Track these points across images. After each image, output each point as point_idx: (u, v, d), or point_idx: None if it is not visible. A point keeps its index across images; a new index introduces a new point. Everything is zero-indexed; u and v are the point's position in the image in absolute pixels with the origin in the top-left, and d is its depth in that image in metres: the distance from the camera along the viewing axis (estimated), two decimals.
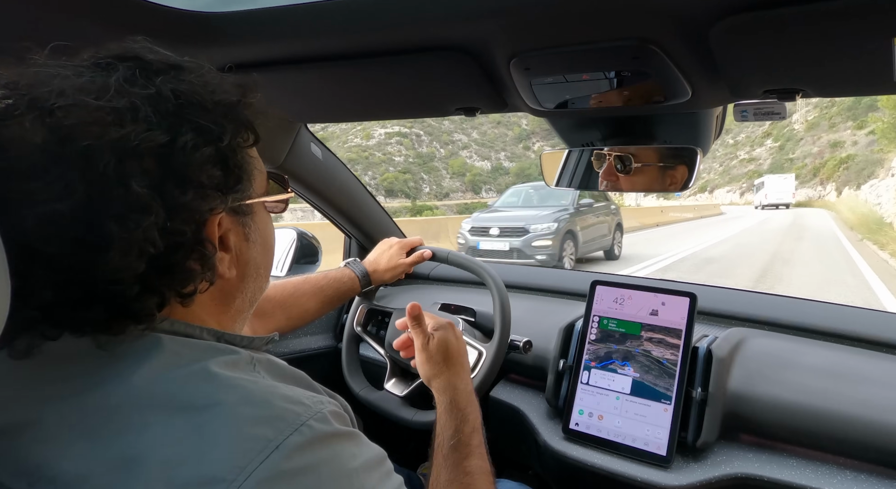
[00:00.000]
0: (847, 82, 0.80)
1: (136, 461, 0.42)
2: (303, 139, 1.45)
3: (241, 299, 0.60)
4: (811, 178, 69.85)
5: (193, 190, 0.49)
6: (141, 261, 0.46)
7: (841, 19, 0.62)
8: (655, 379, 1.06)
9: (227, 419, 0.44)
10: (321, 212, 1.69)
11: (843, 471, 0.91)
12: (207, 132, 0.50)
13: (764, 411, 1.01)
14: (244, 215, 0.58)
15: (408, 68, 0.94)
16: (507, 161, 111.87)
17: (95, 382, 0.46)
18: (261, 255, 0.61)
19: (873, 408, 0.94)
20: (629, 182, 1.17)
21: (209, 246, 0.52)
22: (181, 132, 0.48)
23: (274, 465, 0.42)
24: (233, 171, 0.53)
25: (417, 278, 1.86)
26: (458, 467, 0.77)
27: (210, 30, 0.84)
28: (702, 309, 1.28)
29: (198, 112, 0.50)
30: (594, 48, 0.78)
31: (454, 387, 0.88)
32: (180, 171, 0.48)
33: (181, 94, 0.49)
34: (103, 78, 0.48)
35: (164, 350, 0.49)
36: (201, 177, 0.49)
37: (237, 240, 0.57)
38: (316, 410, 0.48)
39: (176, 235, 0.48)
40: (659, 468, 0.99)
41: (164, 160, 0.47)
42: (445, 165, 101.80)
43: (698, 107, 0.95)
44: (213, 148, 0.50)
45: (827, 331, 1.19)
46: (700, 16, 0.67)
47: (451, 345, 0.93)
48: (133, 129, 0.45)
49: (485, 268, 1.30)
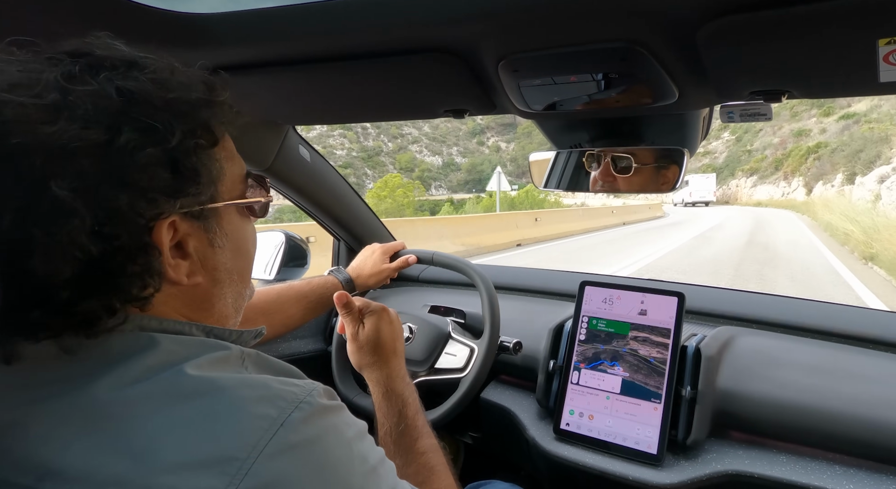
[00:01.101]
0: (832, 83, 0.81)
1: (147, 449, 0.42)
2: (291, 142, 1.44)
3: (221, 305, 0.59)
4: (772, 172, 60.73)
5: (131, 193, 0.46)
6: (67, 266, 0.44)
7: (827, 22, 0.63)
8: (645, 378, 1.07)
9: (231, 401, 0.45)
10: (310, 214, 1.69)
11: (833, 467, 0.93)
12: (153, 132, 0.47)
13: (753, 408, 1.02)
14: (205, 219, 0.55)
15: (396, 70, 0.93)
16: (459, 156, 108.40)
17: (91, 380, 0.46)
18: (232, 260, 0.59)
19: (861, 404, 0.96)
20: (627, 183, 1.17)
21: (154, 252, 0.49)
22: (121, 131, 0.45)
23: (282, 440, 0.44)
24: (184, 174, 0.50)
25: (406, 281, 1.85)
26: (411, 450, 0.79)
27: (196, 31, 0.84)
28: (690, 308, 1.29)
29: (144, 110, 0.47)
30: (582, 50, 0.79)
31: (387, 376, 0.88)
32: (118, 172, 0.45)
33: (126, 92, 0.47)
34: (39, 73, 0.45)
35: (157, 347, 0.49)
36: (142, 179, 0.47)
37: (199, 245, 0.55)
38: (310, 389, 0.49)
39: (111, 240, 0.46)
40: (650, 467, 1.00)
41: (100, 161, 0.45)
42: (393, 160, 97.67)
43: (685, 108, 0.96)
44: (160, 149, 0.47)
45: (814, 329, 1.21)
46: (687, 18, 0.68)
47: (381, 333, 0.91)
48: (64, 128, 0.43)
49: (471, 266, 1.30)
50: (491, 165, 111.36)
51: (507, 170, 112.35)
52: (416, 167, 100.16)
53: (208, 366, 0.49)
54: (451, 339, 1.28)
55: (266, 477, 0.42)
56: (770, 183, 58.74)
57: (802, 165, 51.57)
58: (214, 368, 0.49)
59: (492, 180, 18.48)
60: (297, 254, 1.68)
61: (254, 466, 0.42)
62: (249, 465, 0.42)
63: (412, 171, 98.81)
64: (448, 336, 1.28)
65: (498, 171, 18.31)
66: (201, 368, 0.48)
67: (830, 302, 1.38)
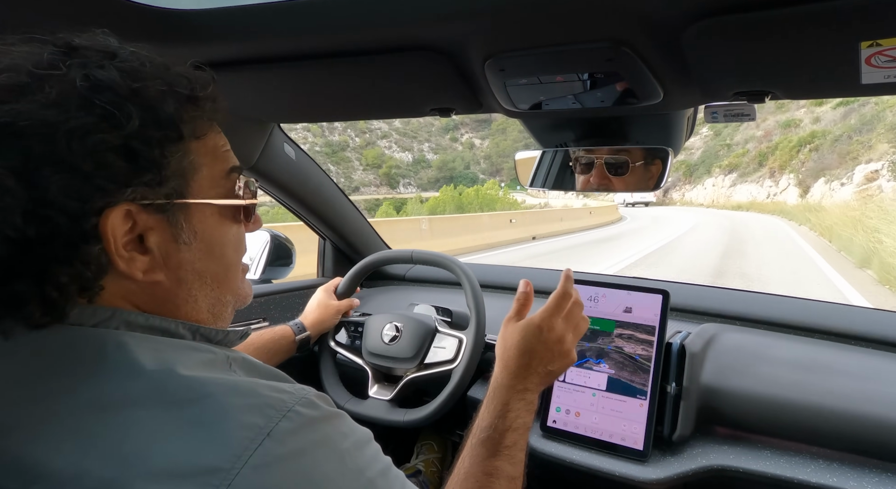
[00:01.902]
0: (815, 85, 0.82)
1: (134, 455, 0.42)
2: (276, 140, 1.43)
3: (189, 308, 0.56)
4: (755, 169, 50.98)
5: (74, 177, 0.45)
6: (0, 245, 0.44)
7: (810, 24, 0.64)
8: (630, 375, 1.08)
9: (219, 410, 0.44)
10: (295, 213, 1.67)
11: (816, 460, 0.94)
12: (109, 118, 0.46)
13: (737, 404, 1.03)
14: (171, 214, 0.52)
15: (382, 68, 0.93)
16: (431, 153, 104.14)
17: (78, 380, 0.46)
18: (203, 261, 0.56)
19: (844, 399, 0.98)
20: (623, 183, 1.18)
21: (95, 240, 0.48)
22: (77, 115, 0.45)
23: (267, 452, 0.43)
24: (141, 164, 0.49)
25: (393, 279, 1.85)
26: (482, 463, 0.74)
27: (181, 27, 0.83)
28: (674, 305, 1.31)
29: (106, 97, 0.47)
30: (568, 50, 0.79)
31: (522, 378, 0.81)
32: (63, 155, 0.45)
33: (91, 78, 0.47)
34: (20, 58, 0.46)
35: (145, 348, 0.48)
36: (88, 164, 0.46)
37: (162, 241, 0.52)
38: (300, 396, 0.48)
39: (47, 223, 0.45)
40: (636, 462, 1.01)
41: (47, 142, 0.44)
42: (359, 156, 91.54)
43: (670, 108, 0.97)
44: (114, 135, 0.46)
45: (797, 326, 1.23)
46: (673, 19, 0.68)
47: (549, 342, 0.83)
48: (20, 108, 0.44)
49: (450, 258, 1.32)
50: (464, 162, 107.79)
51: (481, 167, 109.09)
52: (383, 163, 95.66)
53: (197, 369, 0.48)
54: (439, 333, 1.28)
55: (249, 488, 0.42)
56: (753, 181, 49.15)
57: (793, 159, 43.17)
58: (203, 371, 0.48)
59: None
60: (283, 254, 1.67)
61: (237, 478, 0.41)
62: (233, 477, 0.41)
63: (379, 168, 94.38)
64: (435, 330, 1.29)
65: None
66: (191, 371, 0.47)
67: (812, 299, 1.40)
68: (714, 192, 55.17)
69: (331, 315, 1.39)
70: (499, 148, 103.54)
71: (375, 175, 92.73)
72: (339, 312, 1.40)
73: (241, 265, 0.64)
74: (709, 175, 60.22)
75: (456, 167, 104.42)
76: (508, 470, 0.74)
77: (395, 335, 1.29)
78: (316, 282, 1.79)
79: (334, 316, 1.39)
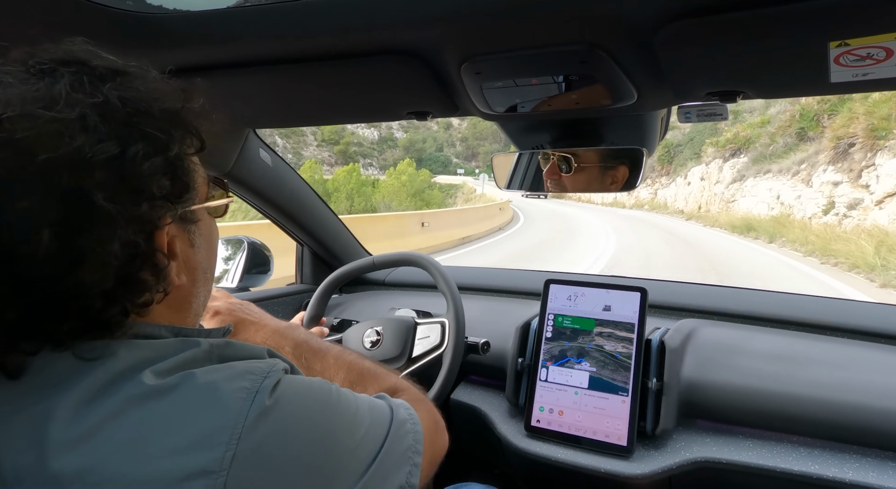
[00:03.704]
0: (786, 84, 0.84)
1: (132, 442, 0.43)
2: (251, 145, 1.41)
3: (196, 303, 0.61)
4: (791, 148, 16.97)
5: (146, 201, 0.48)
6: (109, 275, 0.46)
7: (781, 25, 0.66)
8: (612, 372, 1.10)
9: (204, 384, 0.47)
10: (271, 219, 1.66)
11: (797, 449, 0.97)
12: (156, 141, 0.49)
13: (718, 396, 1.05)
14: (191, 223, 0.57)
15: (357, 72, 0.93)
16: (400, 131, 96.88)
17: (63, 387, 0.46)
18: (206, 259, 0.61)
19: (821, 388, 1.00)
20: (572, 181, 1.20)
21: (160, 256, 0.51)
22: (130, 142, 0.47)
23: (262, 404, 0.47)
24: (181, 180, 0.53)
25: (372, 285, 1.84)
26: (323, 356, 0.87)
27: (155, 31, 0.82)
28: (653, 302, 1.33)
29: (146, 120, 0.49)
30: (544, 53, 0.80)
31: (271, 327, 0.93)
32: (132, 182, 0.47)
33: (128, 102, 0.48)
34: (49, 86, 0.46)
35: (130, 352, 0.49)
36: (152, 187, 0.49)
37: (183, 246, 0.56)
38: (272, 363, 0.52)
39: (131, 247, 0.47)
40: (621, 458, 1.02)
41: (116, 172, 0.46)
42: (315, 130, 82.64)
43: (644, 109, 0.99)
44: (163, 157, 0.50)
45: (773, 318, 1.26)
46: (645, 22, 0.70)
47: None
48: (86, 141, 0.44)
49: (412, 253, 1.33)
50: (436, 143, 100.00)
51: (456, 150, 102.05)
52: (339, 140, 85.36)
53: (174, 367, 0.49)
54: (420, 326, 1.28)
55: (259, 435, 0.45)
56: (788, 174, 16.70)
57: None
58: (182, 367, 0.49)
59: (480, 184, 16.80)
60: (260, 261, 1.65)
61: (244, 430, 0.45)
62: (240, 430, 0.45)
63: (335, 144, 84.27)
64: (415, 325, 1.29)
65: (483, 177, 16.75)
66: (168, 371, 0.48)
67: (787, 292, 1.44)
68: (702, 189, 24.44)
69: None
70: (475, 129, 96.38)
71: (330, 152, 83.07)
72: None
73: None
74: (697, 160, 27.20)
75: (426, 149, 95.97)
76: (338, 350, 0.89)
77: (377, 339, 1.28)
78: (295, 289, 1.77)
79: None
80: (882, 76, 0.71)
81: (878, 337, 1.15)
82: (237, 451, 0.44)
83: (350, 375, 0.83)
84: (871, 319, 1.18)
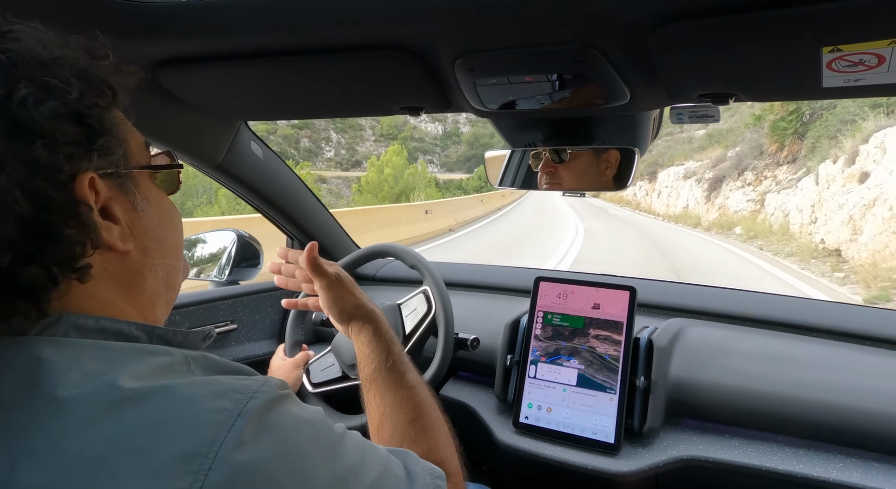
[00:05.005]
0: (778, 88, 0.84)
1: (100, 458, 0.40)
2: (242, 137, 1.40)
3: (152, 278, 0.58)
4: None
5: (45, 144, 0.46)
6: (9, 224, 0.44)
7: (774, 29, 0.66)
8: (600, 370, 1.10)
9: (182, 399, 0.44)
10: (262, 213, 1.65)
11: (783, 448, 0.98)
12: (49, 86, 0.47)
13: (705, 395, 1.07)
14: (122, 181, 0.54)
15: (351, 66, 0.92)
16: (467, 125, 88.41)
17: (24, 389, 0.44)
18: (160, 227, 0.59)
19: (807, 388, 1.02)
20: (566, 173, 1.20)
21: (83, 207, 0.48)
22: (17, 88, 0.45)
23: (241, 431, 0.43)
24: (93, 128, 0.50)
25: (363, 280, 1.84)
26: (400, 385, 0.80)
27: (146, 22, 0.81)
28: (642, 301, 1.33)
29: (34, 68, 0.47)
30: (538, 51, 0.80)
31: (375, 315, 0.90)
32: (23, 124, 0.45)
33: (10, 51, 0.47)
34: None
35: (96, 354, 0.46)
36: (51, 131, 0.46)
37: (123, 209, 0.54)
38: (262, 381, 0.49)
39: (39, 195, 0.45)
40: (608, 455, 1.03)
41: (6, 115, 0.45)
42: (375, 122, 75.70)
43: (636, 109, 0.99)
44: (59, 102, 0.47)
45: (761, 319, 1.27)
46: (640, 23, 0.70)
47: (349, 279, 0.94)
48: None
49: (388, 244, 1.34)
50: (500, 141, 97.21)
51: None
52: (398, 134, 76.79)
53: (150, 374, 0.46)
54: (403, 304, 1.29)
55: (231, 469, 0.41)
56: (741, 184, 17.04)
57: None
58: (157, 375, 0.46)
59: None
60: (250, 254, 1.64)
61: (216, 461, 0.41)
62: (212, 460, 0.41)
63: (394, 139, 76.11)
64: (398, 305, 1.29)
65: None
66: (143, 377, 0.45)
67: (775, 293, 1.45)
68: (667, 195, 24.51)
69: (291, 373, 1.31)
70: None
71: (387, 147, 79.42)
72: (297, 366, 1.32)
73: None
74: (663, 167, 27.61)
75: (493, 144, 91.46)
76: (418, 378, 0.83)
77: None
78: None
79: (294, 370, 1.32)
80: (874, 82, 0.71)
81: (863, 339, 1.16)
82: (205, 484, 0.40)
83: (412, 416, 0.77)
84: (857, 322, 1.20)
